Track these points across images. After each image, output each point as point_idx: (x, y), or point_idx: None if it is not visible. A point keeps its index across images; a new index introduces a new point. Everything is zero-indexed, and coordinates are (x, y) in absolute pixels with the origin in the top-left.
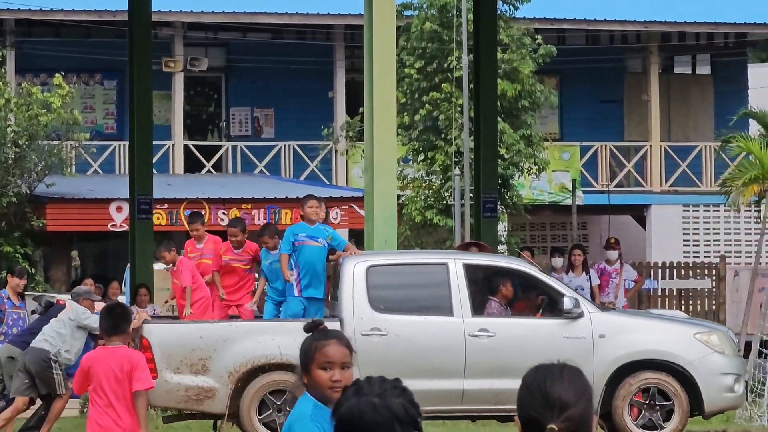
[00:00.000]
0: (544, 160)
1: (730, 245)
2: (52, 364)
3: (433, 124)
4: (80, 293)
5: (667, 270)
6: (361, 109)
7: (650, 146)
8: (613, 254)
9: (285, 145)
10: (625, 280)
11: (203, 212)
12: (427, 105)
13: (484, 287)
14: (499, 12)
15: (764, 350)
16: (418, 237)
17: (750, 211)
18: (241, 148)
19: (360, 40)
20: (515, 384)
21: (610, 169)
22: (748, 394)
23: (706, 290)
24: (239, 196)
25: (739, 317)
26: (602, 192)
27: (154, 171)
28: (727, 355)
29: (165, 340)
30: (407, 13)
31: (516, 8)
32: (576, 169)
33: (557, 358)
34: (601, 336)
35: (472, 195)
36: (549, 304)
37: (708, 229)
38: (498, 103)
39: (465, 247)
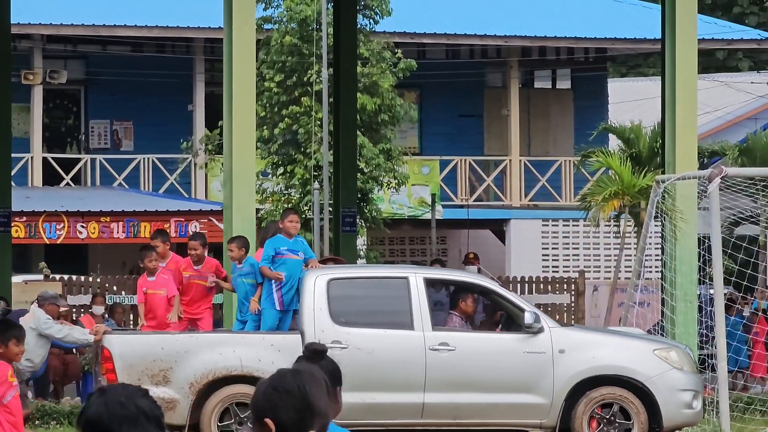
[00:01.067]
0: (404, 174)
1: (590, 260)
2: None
3: (292, 137)
4: (46, 297)
5: (526, 285)
6: (220, 123)
7: (510, 161)
8: (472, 269)
9: (144, 158)
10: None
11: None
12: (286, 119)
13: (445, 302)
14: (359, 26)
15: None
16: None
17: (609, 226)
18: (100, 160)
19: (220, 54)
20: (475, 398)
21: (470, 184)
22: None
23: (565, 305)
24: (98, 209)
25: None
26: (461, 206)
27: (12, 184)
28: (686, 372)
29: (126, 351)
30: (267, 26)
31: (376, 22)
32: (435, 183)
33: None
34: (560, 351)
35: (331, 209)
36: (508, 319)
37: (567, 244)
38: (357, 117)
39: (323, 263)
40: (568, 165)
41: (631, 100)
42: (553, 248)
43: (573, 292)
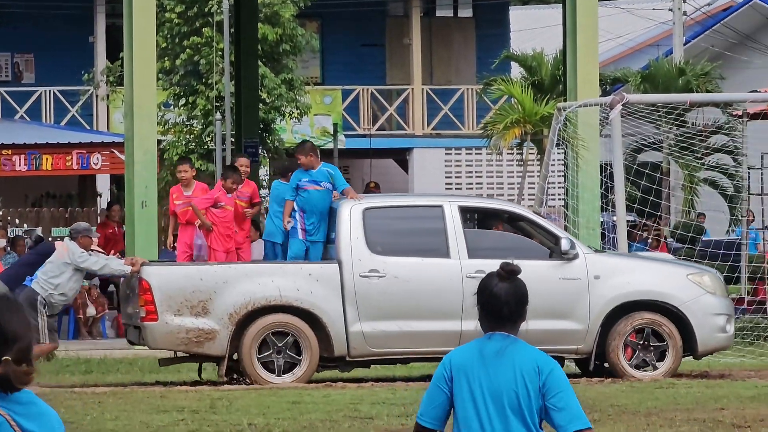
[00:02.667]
0: (306, 104)
1: (493, 188)
2: (39, 307)
3: (194, 68)
4: (79, 230)
5: None
6: (121, 54)
7: (412, 90)
8: None
9: (45, 91)
10: None
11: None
12: (188, 50)
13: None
14: None
15: None
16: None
17: (512, 154)
18: (1, 93)
19: None
20: None
21: (372, 113)
22: None
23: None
24: None
25: None
26: (364, 136)
27: None
28: (719, 296)
29: (165, 283)
30: None
31: None
32: (338, 113)
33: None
34: (596, 277)
35: (233, 139)
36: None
37: (470, 172)
38: (259, 47)
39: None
40: (471, 93)
41: (532, 28)
42: (456, 176)
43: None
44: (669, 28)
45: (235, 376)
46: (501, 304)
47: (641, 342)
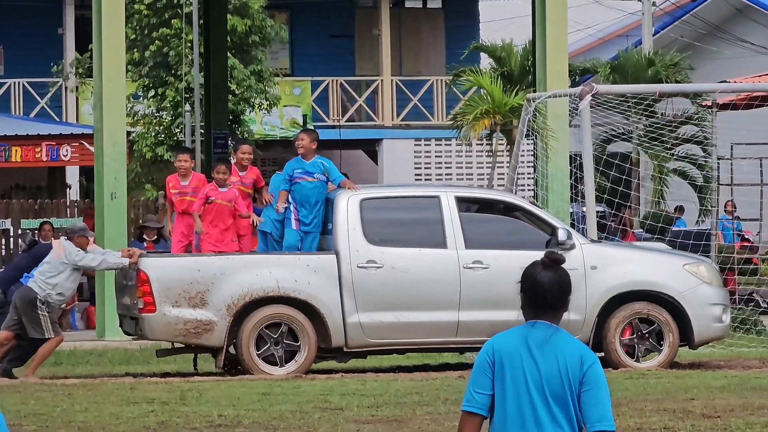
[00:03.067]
0: (275, 95)
1: (462, 179)
2: (39, 305)
3: (163, 60)
4: (75, 230)
5: None
6: (90, 46)
7: (381, 81)
8: None
9: (15, 83)
10: None
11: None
12: (157, 41)
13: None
14: None
15: None
16: (149, 173)
17: (482, 144)
18: None
19: None
20: (509, 315)
21: (342, 104)
22: None
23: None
24: None
25: None
26: (334, 127)
27: None
28: (714, 286)
29: (163, 274)
30: None
31: None
32: (307, 104)
33: None
34: (592, 267)
35: (203, 131)
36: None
37: (440, 163)
38: (228, 38)
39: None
40: (440, 84)
41: (502, 19)
42: (425, 167)
43: None
44: (638, 18)
45: (228, 367)
46: (545, 292)
47: (638, 332)
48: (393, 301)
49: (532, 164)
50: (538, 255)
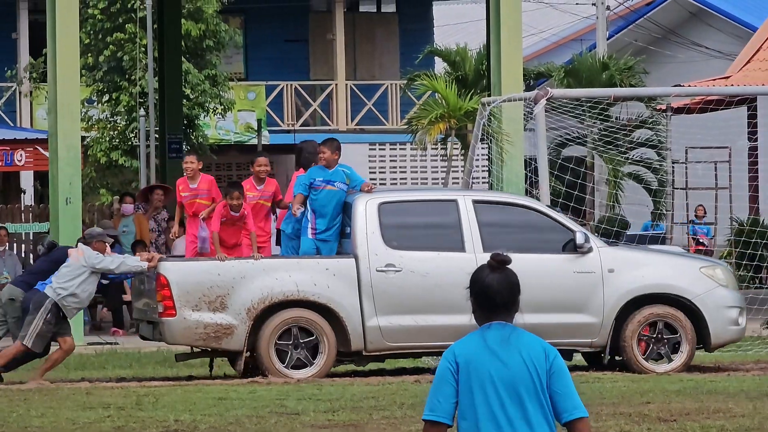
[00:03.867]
0: (230, 100)
1: (417, 183)
2: (42, 311)
3: (117, 64)
4: (94, 235)
5: None
6: (44, 51)
7: (336, 85)
8: None
9: None
10: None
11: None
12: (111, 46)
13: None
14: None
15: None
16: (103, 178)
17: (436, 149)
18: None
19: None
20: (527, 318)
21: (296, 109)
22: None
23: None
24: None
25: None
26: (288, 131)
27: None
28: (730, 289)
29: (183, 278)
30: None
31: None
32: (262, 108)
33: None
34: (610, 270)
35: (157, 136)
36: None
37: (395, 167)
38: (182, 43)
39: (149, 190)
40: (395, 89)
41: (456, 23)
42: (380, 172)
43: None
44: (592, 22)
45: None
46: (495, 294)
47: (655, 335)
48: (412, 304)
49: (487, 169)
50: (556, 258)
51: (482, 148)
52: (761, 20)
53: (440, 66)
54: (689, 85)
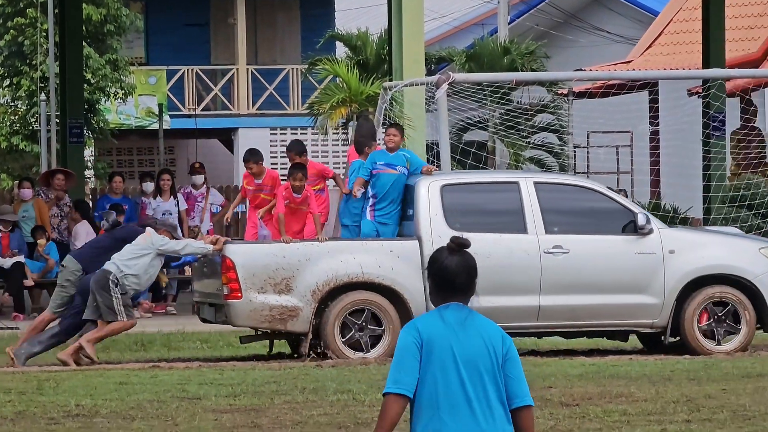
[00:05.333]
0: (131, 84)
1: None
2: (111, 285)
3: (18, 49)
4: (165, 224)
5: None
6: None
7: (237, 69)
8: (199, 179)
9: None
10: (211, 204)
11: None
12: (12, 30)
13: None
14: None
15: None
16: (4, 163)
17: (338, 133)
18: None
19: None
20: (589, 299)
21: (197, 93)
22: None
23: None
24: None
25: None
26: (189, 116)
27: None
28: None
29: (249, 261)
30: None
31: None
32: (163, 93)
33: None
34: (670, 251)
35: (58, 120)
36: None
37: None
38: (83, 27)
39: (50, 174)
40: (296, 73)
41: (358, 8)
42: (282, 156)
43: None
44: (494, 7)
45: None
46: (453, 276)
47: (715, 316)
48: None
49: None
50: (617, 239)
51: (383, 133)
52: (662, 4)
53: (342, 50)
54: (591, 70)
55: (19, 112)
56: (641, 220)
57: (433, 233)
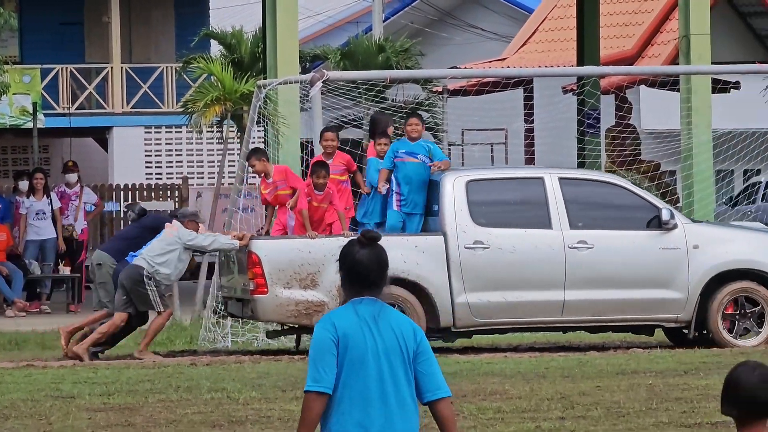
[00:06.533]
0: (5, 83)
1: (193, 166)
2: (145, 280)
3: None
4: (186, 214)
5: (129, 192)
6: None
7: (111, 68)
8: (72, 177)
9: None
10: (85, 203)
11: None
12: None
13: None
14: None
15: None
16: None
17: (212, 132)
18: None
19: None
20: (614, 294)
21: (72, 92)
22: (212, 315)
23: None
24: None
25: None
26: (64, 115)
27: None
28: None
29: (275, 256)
30: None
31: None
32: (37, 92)
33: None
34: (695, 246)
35: None
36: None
37: (170, 150)
38: None
39: None
40: (170, 71)
41: (232, 6)
42: (156, 155)
43: (177, 199)
44: (368, 4)
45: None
46: (365, 269)
47: (739, 310)
48: (500, 281)
49: None
50: (642, 234)
51: (258, 131)
52: (537, 2)
53: (216, 49)
54: (466, 67)
55: None
56: (665, 215)
57: (458, 228)
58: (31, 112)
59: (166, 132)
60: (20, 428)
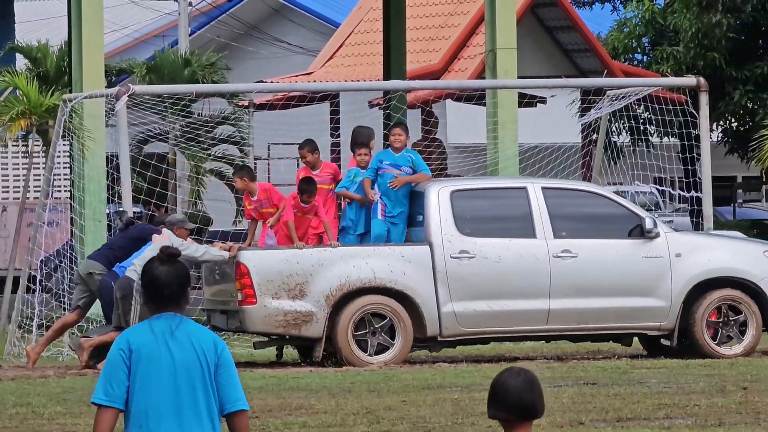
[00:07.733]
0: None
1: None
2: (135, 295)
3: None
4: (174, 222)
5: None
6: None
7: None
8: None
9: None
10: None
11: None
12: None
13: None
14: None
15: (32, 285)
16: None
17: (18, 146)
18: None
19: None
20: (598, 303)
21: None
22: (17, 329)
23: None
24: None
25: (8, 253)
26: None
27: None
28: None
29: (263, 266)
30: None
31: None
32: None
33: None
34: (677, 255)
35: None
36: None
37: None
38: None
39: None
40: None
41: (38, 19)
42: None
43: None
44: (174, 18)
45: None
46: (163, 286)
47: (723, 318)
48: (485, 290)
49: (69, 165)
50: (625, 243)
51: (64, 145)
52: (343, 17)
53: (22, 62)
54: (272, 81)
55: None
56: (648, 224)
57: (444, 238)
58: None
59: None
60: None
